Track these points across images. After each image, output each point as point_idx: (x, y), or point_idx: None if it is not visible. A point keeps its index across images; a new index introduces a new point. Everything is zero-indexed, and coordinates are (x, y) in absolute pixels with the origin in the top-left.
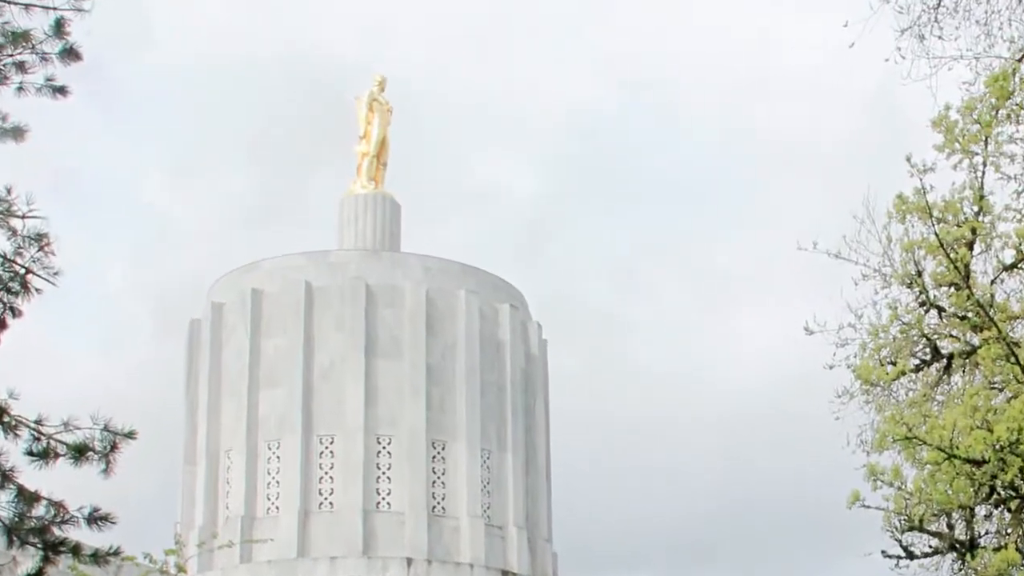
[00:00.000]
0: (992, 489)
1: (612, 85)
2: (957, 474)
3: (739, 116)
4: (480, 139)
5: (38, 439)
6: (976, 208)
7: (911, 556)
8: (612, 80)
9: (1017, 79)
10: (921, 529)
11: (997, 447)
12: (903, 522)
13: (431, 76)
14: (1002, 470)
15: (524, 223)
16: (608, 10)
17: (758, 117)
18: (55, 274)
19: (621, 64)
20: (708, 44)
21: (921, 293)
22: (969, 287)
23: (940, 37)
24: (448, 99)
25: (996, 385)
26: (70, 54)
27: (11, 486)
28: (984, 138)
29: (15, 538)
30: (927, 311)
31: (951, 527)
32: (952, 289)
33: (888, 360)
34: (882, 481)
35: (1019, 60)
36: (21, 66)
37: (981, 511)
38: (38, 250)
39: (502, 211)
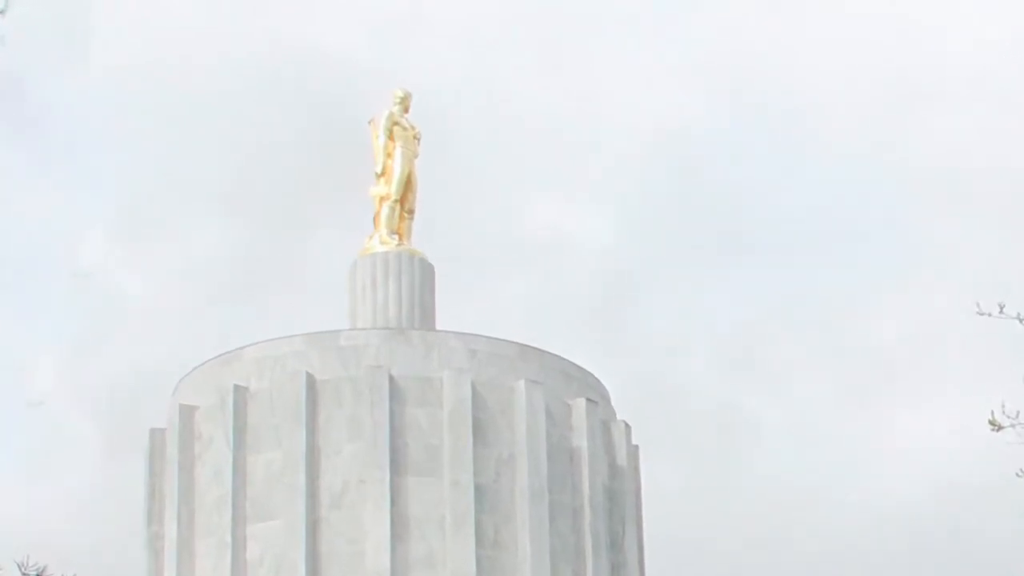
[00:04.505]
0: None
1: (714, 100)
2: None
3: (887, 138)
4: (540, 175)
5: None
6: None
7: None
8: (714, 94)
9: None
10: None
11: None
12: None
13: (471, 90)
14: None
15: (602, 288)
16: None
17: (913, 138)
18: None
19: (725, 73)
20: (842, 43)
21: None
22: None
23: None
24: (496, 122)
25: None
26: None
27: None
28: None
29: None
30: None
31: None
32: None
33: None
34: None
35: None
36: None
37: None
38: None
39: (572, 272)
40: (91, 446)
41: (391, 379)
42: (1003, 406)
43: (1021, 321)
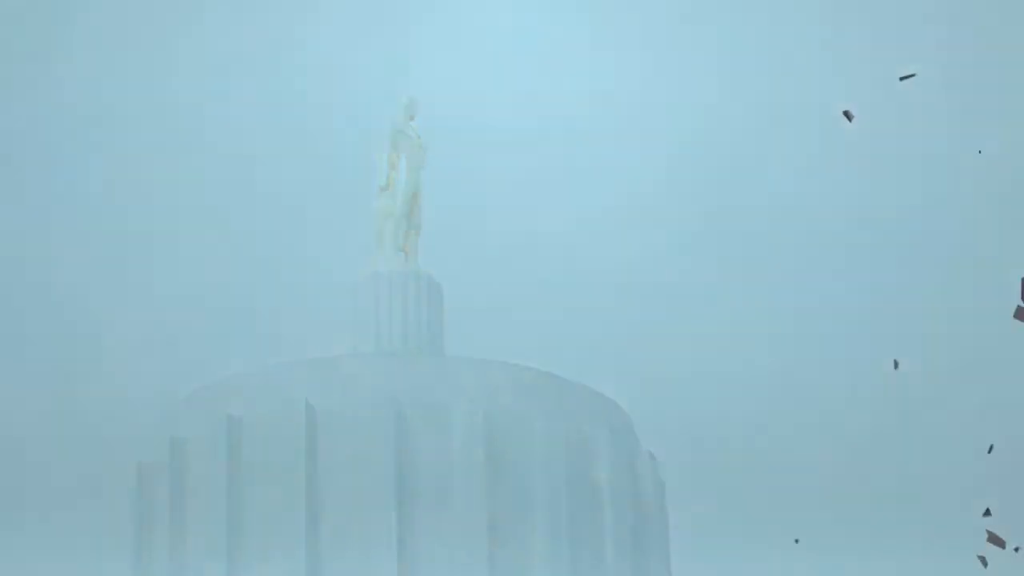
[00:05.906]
0: None
1: (741, 109)
2: None
3: (923, 146)
4: (558, 188)
5: None
6: None
7: None
8: (741, 101)
9: None
10: None
11: None
12: None
13: (482, 96)
14: None
15: (624, 310)
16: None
17: (948, 143)
18: None
19: (753, 81)
20: (880, 49)
21: None
22: None
23: None
24: (509, 129)
25: None
26: None
27: None
28: None
29: None
30: None
31: None
32: None
33: None
34: None
35: None
36: None
37: None
38: None
39: (592, 293)
40: (72, 484)
41: (397, 409)
42: None
43: None
